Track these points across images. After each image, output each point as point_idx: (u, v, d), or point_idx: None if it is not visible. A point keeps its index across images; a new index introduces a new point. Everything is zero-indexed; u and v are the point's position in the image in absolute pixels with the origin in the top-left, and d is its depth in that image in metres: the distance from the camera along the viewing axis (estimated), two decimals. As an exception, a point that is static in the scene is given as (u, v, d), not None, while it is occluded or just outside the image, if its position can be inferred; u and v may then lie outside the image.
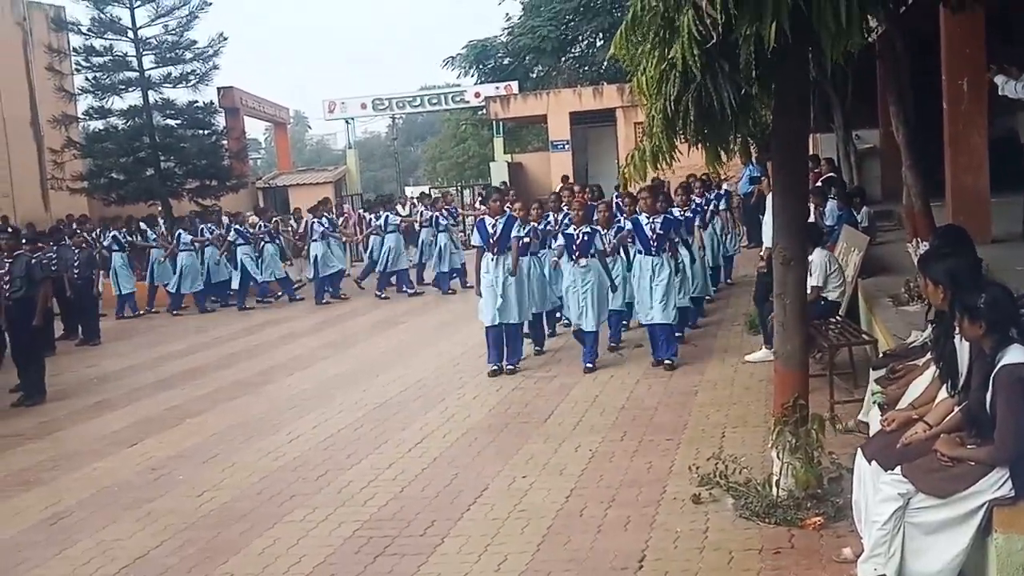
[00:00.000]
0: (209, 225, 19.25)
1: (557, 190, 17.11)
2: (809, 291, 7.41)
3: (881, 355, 7.17)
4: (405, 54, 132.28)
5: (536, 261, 11.12)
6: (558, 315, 11.92)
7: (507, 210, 10.78)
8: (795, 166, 5.99)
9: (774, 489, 5.75)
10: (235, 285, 18.66)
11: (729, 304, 13.35)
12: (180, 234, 18.70)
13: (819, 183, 13.85)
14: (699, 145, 5.65)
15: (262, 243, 18.72)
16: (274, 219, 20.52)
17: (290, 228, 21.68)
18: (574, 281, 10.29)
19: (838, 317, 8.97)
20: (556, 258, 10.74)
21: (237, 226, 18.90)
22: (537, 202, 12.40)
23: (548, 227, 11.86)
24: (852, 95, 15.48)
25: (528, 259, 10.82)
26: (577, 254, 10.26)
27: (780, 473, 5.73)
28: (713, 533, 5.54)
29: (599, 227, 10.49)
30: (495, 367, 10.34)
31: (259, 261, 18.65)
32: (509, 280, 10.34)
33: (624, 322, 11.52)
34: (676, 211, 11.19)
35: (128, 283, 18.46)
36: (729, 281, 15.03)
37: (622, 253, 11.01)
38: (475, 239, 10.81)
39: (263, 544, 6.01)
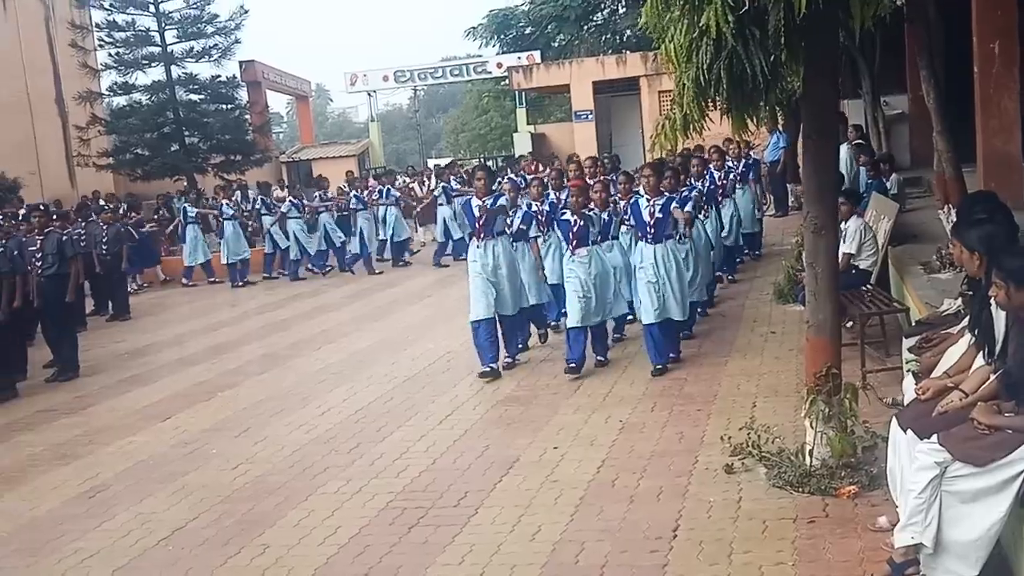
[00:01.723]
0: (323, 192, 19.42)
1: (555, 167, 16.63)
2: (840, 258, 7.35)
3: (914, 323, 7.12)
4: (429, 30, 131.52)
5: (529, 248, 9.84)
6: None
7: (496, 190, 9.81)
8: (825, 133, 5.92)
9: (807, 458, 5.74)
10: (355, 250, 18.86)
11: (758, 273, 13.27)
12: (290, 201, 18.84)
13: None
14: (728, 113, 5.61)
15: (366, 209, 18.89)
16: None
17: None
18: (572, 273, 8.97)
19: (868, 286, 8.92)
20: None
21: (356, 193, 19.08)
22: (537, 178, 11.88)
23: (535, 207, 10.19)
24: (880, 60, 15.29)
25: (522, 245, 9.76)
26: (574, 243, 8.95)
27: (813, 442, 5.72)
28: (746, 503, 5.55)
29: (597, 210, 9.21)
30: (486, 368, 9.15)
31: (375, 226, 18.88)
32: (501, 269, 9.25)
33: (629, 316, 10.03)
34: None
35: (238, 250, 18.67)
36: (758, 253, 14.87)
37: (621, 239, 9.83)
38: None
39: (298, 516, 6.07)
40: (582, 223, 8.91)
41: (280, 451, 7.52)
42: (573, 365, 8.84)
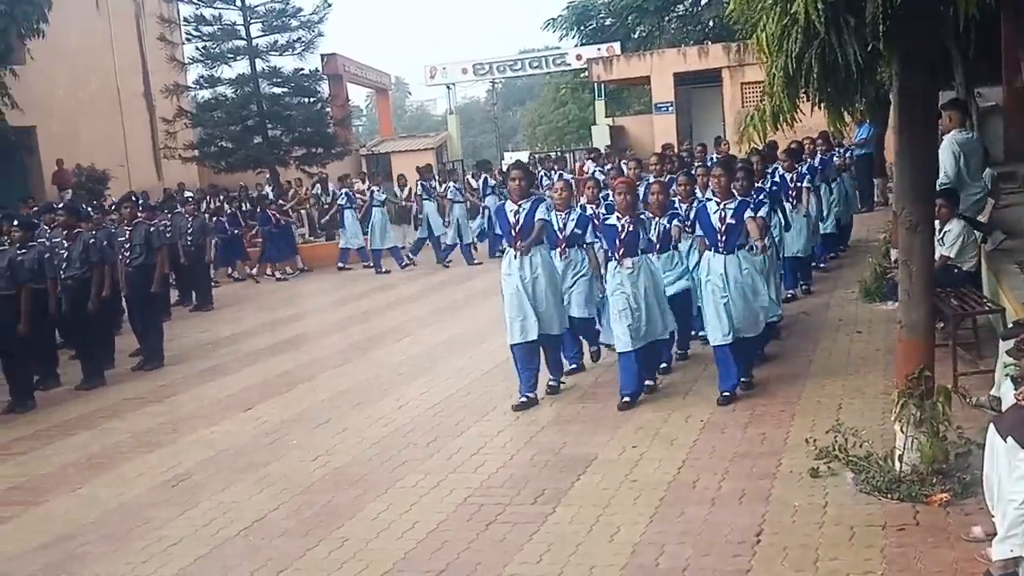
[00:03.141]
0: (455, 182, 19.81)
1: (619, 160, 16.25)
2: (937, 259, 7.07)
3: (1010, 325, 6.83)
4: (508, 22, 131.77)
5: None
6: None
7: (534, 193, 8.70)
8: (921, 126, 5.70)
9: (897, 463, 5.56)
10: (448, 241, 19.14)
11: (843, 271, 12.95)
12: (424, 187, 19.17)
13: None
14: (820, 105, 5.44)
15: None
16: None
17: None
18: (620, 286, 7.85)
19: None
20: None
21: (489, 177, 19.63)
22: (592, 177, 11.19)
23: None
24: (974, 50, 14.76)
25: (577, 251, 8.74)
26: (621, 252, 7.89)
27: (904, 447, 5.53)
28: (833, 508, 5.39)
29: (651, 214, 8.22)
30: (524, 398, 8.15)
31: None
32: (540, 281, 8.15)
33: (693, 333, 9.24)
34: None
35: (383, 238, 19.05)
36: (843, 249, 14.44)
37: (681, 248, 8.77)
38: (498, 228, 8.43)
39: (377, 509, 6.09)
40: (631, 229, 7.85)
41: (359, 443, 7.56)
42: (627, 399, 7.81)
